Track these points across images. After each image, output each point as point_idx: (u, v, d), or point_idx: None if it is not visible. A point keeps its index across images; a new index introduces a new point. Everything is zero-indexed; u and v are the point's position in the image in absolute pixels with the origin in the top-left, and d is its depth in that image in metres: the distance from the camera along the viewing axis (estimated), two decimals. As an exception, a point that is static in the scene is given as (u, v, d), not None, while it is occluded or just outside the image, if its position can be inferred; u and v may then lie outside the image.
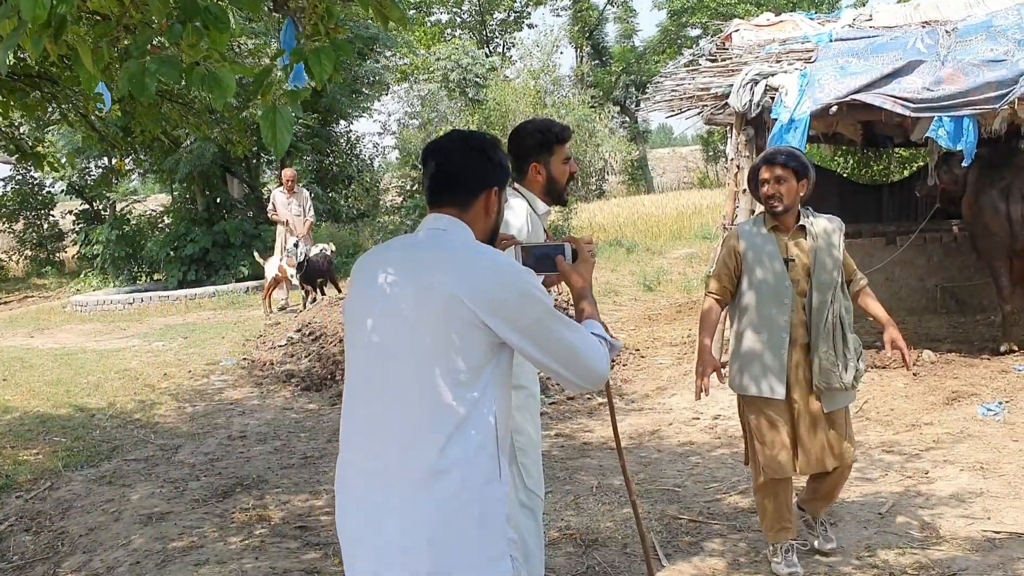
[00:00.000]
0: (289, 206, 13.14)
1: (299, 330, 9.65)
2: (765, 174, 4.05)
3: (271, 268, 12.67)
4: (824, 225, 4.05)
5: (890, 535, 4.46)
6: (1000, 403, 6.41)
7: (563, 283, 2.63)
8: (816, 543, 4.28)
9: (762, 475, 4.09)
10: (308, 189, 24.48)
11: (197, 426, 7.44)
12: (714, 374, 4.11)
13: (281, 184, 13.54)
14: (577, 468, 5.83)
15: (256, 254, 14.81)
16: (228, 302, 14.59)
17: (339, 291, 12.05)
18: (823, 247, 4.00)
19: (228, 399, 8.29)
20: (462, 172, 2.32)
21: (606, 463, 5.93)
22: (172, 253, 18.62)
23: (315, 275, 12.11)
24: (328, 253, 12.22)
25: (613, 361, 2.43)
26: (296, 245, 12.21)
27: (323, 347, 9.06)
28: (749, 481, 5.40)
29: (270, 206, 13.42)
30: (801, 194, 4.04)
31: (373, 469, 2.19)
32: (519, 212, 3.39)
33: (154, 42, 2.20)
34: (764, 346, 4.00)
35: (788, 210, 4.04)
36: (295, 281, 12.21)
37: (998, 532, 4.41)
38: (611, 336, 2.37)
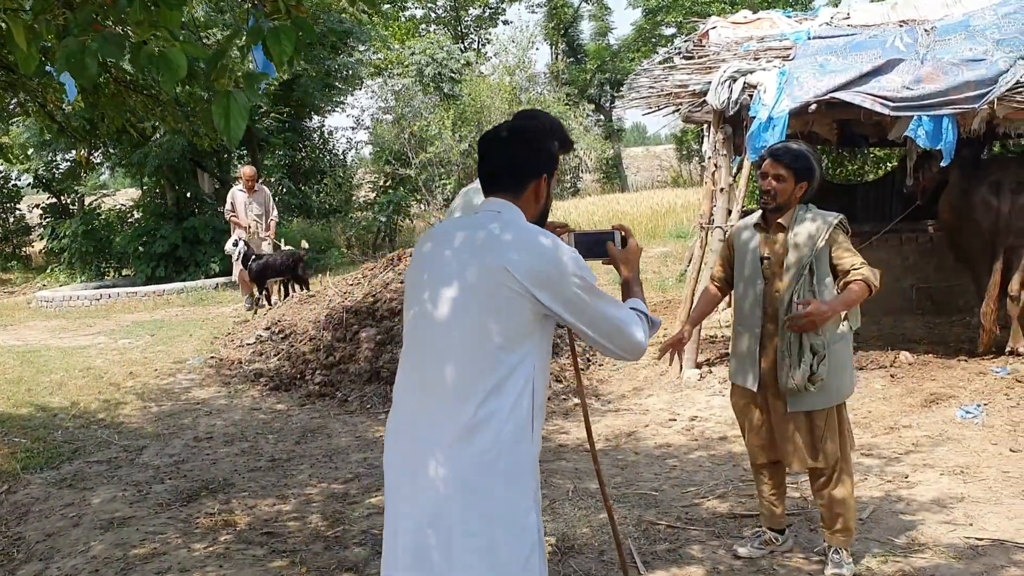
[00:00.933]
0: (250, 206, 12.41)
1: (268, 328, 9.46)
2: (767, 167, 4.02)
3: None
4: (811, 225, 3.96)
5: (872, 541, 4.38)
6: (978, 405, 6.36)
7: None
8: (826, 570, 4.14)
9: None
10: (280, 184, 24.37)
11: (162, 426, 7.25)
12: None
13: (241, 181, 12.66)
14: (552, 471, 5.70)
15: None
16: (197, 299, 14.35)
17: (305, 289, 11.68)
18: (798, 245, 3.93)
19: (195, 399, 8.09)
20: (515, 162, 2.49)
21: (582, 466, 5.81)
22: (141, 249, 18.31)
23: (268, 274, 11.70)
24: (300, 252, 11.90)
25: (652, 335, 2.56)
26: (235, 243, 11.76)
27: (293, 346, 8.87)
28: (727, 484, 5.33)
29: (228, 206, 12.51)
30: (797, 195, 3.99)
31: (417, 424, 2.39)
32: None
33: (98, 19, 2.03)
34: (744, 339, 4.12)
35: (779, 209, 4.00)
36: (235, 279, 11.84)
37: (980, 539, 4.33)
38: (652, 315, 2.56)
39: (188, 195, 19.73)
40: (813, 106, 7.22)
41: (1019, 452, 5.56)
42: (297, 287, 11.86)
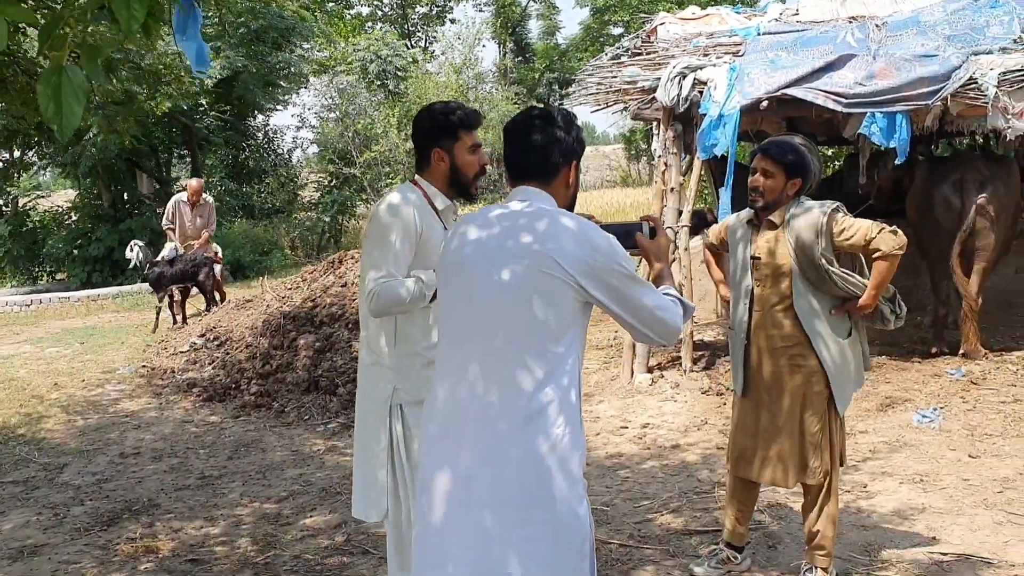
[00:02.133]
0: (192, 222, 11.64)
1: (203, 335, 9.05)
2: (755, 162, 3.77)
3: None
4: (808, 219, 3.71)
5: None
6: (935, 409, 6.22)
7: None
8: None
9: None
10: (221, 184, 23.75)
11: (87, 442, 6.84)
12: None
13: (187, 193, 11.69)
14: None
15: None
16: (133, 304, 13.82)
17: (208, 299, 11.05)
18: (801, 245, 3.68)
19: (123, 411, 7.67)
20: (545, 148, 2.45)
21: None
22: (75, 252, 17.70)
23: (164, 281, 10.93)
24: (202, 257, 11.09)
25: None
26: (131, 249, 11.17)
27: (228, 353, 8.48)
28: (681, 497, 5.10)
29: (167, 218, 11.68)
30: (789, 193, 3.74)
31: (466, 419, 2.31)
32: (400, 210, 2.97)
33: None
34: (735, 343, 3.92)
35: (768, 207, 3.76)
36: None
37: (945, 553, 4.14)
38: (686, 300, 2.55)
39: (125, 196, 19.12)
40: (765, 103, 7.04)
41: (978, 458, 5.41)
42: (215, 294, 11.30)
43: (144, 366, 8.92)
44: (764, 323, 3.79)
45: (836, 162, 14.21)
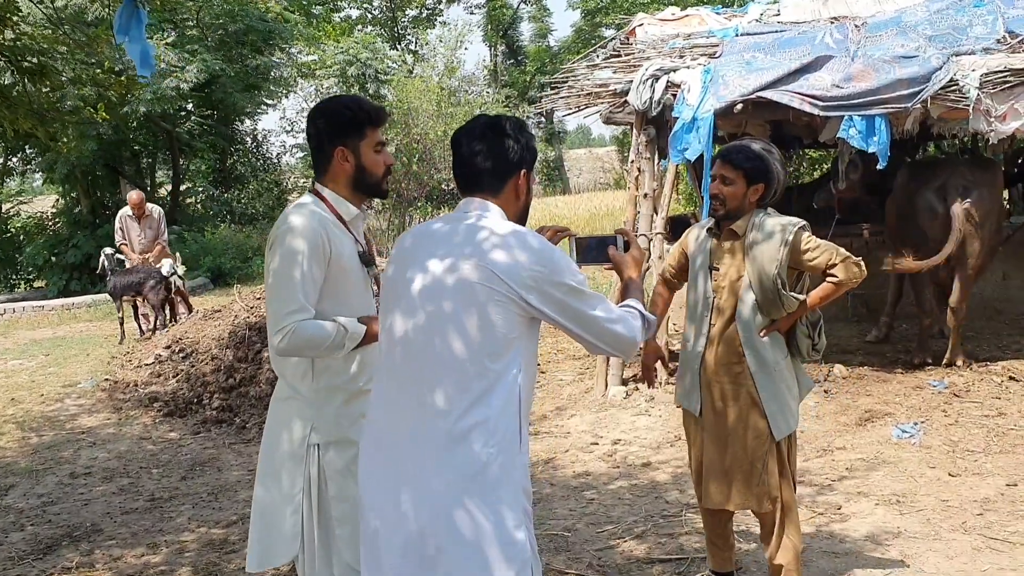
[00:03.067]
0: (142, 235, 11.23)
1: (168, 347, 8.79)
2: (715, 169, 3.56)
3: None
4: (769, 232, 3.48)
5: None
6: (915, 424, 5.98)
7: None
8: None
9: None
10: (204, 190, 23.47)
11: (38, 460, 6.59)
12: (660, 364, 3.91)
13: (129, 207, 11.24)
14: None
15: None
16: (105, 313, 13.52)
17: (156, 313, 10.71)
18: (757, 257, 3.46)
19: (80, 427, 7.42)
20: (491, 157, 2.39)
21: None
22: (53, 259, 17.42)
23: (117, 291, 10.61)
24: (155, 270, 10.65)
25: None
26: (101, 255, 10.90)
27: (194, 366, 8.22)
28: (647, 521, 4.86)
29: (118, 235, 11.31)
30: (752, 200, 3.52)
31: (398, 438, 2.27)
32: (305, 231, 2.68)
33: None
34: (689, 356, 3.68)
35: (730, 216, 3.54)
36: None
37: (918, 584, 3.91)
38: (648, 313, 2.50)
39: (106, 202, 18.85)
40: (739, 106, 6.81)
41: (958, 477, 5.17)
42: (181, 309, 11.01)
43: (107, 379, 8.67)
44: (718, 337, 3.57)
45: (824, 165, 14.00)
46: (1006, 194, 10.71)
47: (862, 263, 3.45)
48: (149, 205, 11.32)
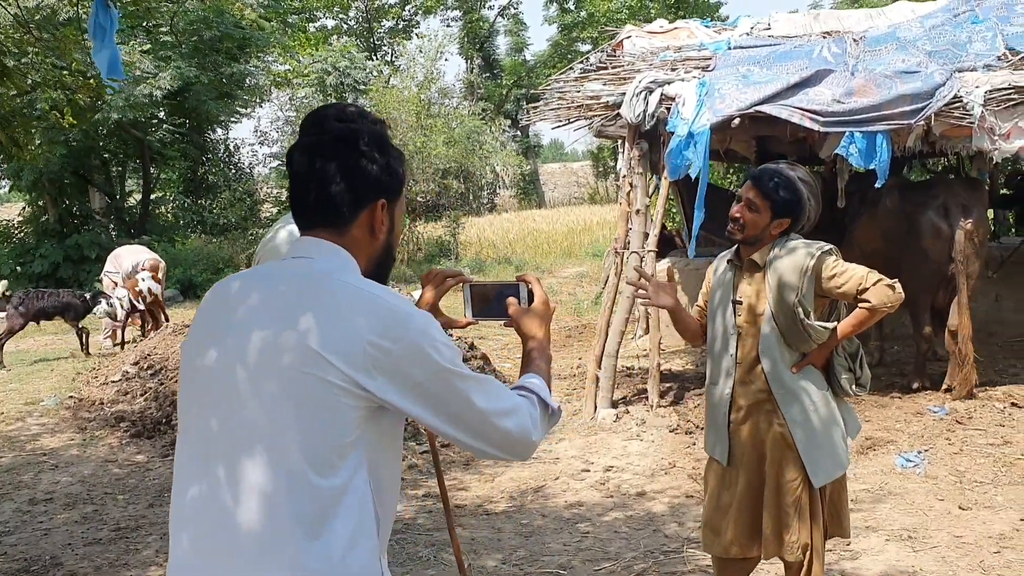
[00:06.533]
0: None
1: (136, 363, 8.41)
2: (743, 189, 3.26)
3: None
4: (792, 260, 3.20)
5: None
6: (919, 452, 5.76)
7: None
8: None
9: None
10: (175, 199, 23.04)
11: (-5, 486, 6.21)
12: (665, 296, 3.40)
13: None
14: (445, 543, 4.87)
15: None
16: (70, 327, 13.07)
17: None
18: (779, 287, 3.17)
19: (42, 448, 7.04)
20: (336, 180, 1.72)
21: (480, 535, 5.00)
22: (19, 269, 16.94)
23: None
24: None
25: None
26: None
27: (163, 383, 7.86)
28: (647, 558, 4.58)
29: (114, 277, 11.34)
30: (773, 232, 3.23)
31: None
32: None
33: None
34: (714, 401, 3.36)
35: (749, 243, 3.26)
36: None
37: (944, 632, 3.66)
38: (551, 399, 1.85)
39: (75, 211, 18.39)
40: (736, 120, 6.58)
41: (969, 510, 4.94)
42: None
43: (71, 396, 8.28)
44: (744, 376, 3.29)
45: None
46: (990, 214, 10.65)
47: (897, 285, 3.16)
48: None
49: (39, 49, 5.05)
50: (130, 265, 11.03)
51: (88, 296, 10.73)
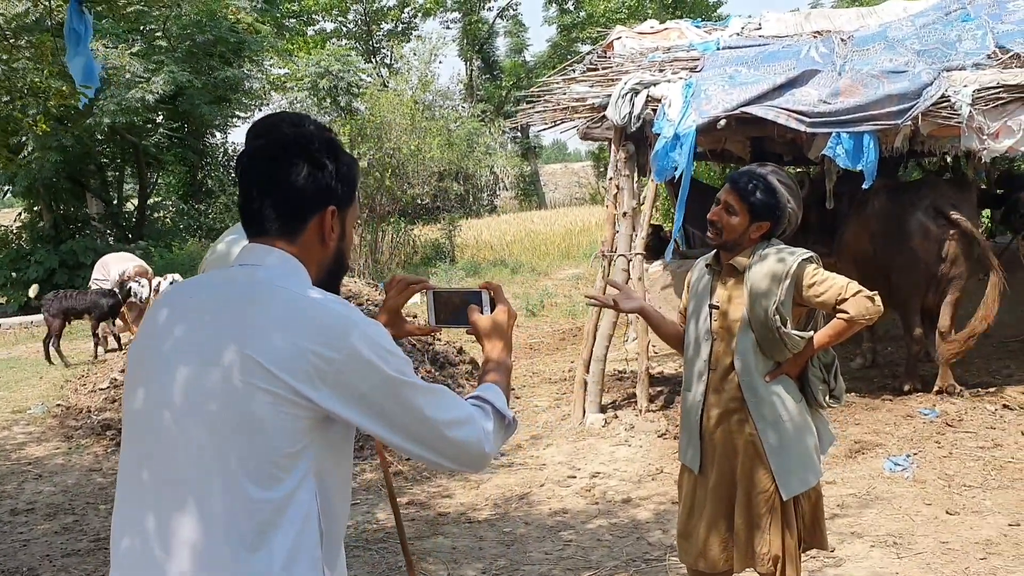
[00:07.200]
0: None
1: (124, 370, 8.35)
2: (721, 192, 3.19)
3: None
4: (771, 268, 3.13)
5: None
6: (908, 456, 5.69)
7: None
8: None
9: None
10: (173, 204, 23.04)
11: (-22, 496, 6.16)
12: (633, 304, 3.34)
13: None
14: (426, 552, 4.82)
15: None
16: (66, 331, 13.03)
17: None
18: (756, 294, 3.11)
19: (27, 457, 6.99)
20: (285, 186, 1.70)
21: (461, 543, 4.94)
22: (14, 275, 16.90)
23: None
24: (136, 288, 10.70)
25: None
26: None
27: (151, 391, 7.80)
28: (628, 566, 4.52)
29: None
30: (753, 236, 3.16)
31: None
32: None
33: None
34: (688, 406, 3.31)
35: (727, 247, 3.19)
36: None
37: (924, 642, 3.59)
38: (508, 409, 1.83)
39: (69, 217, 18.36)
40: (722, 122, 6.52)
41: (956, 515, 4.87)
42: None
43: (59, 404, 8.24)
44: (718, 383, 3.23)
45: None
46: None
47: (877, 297, 3.09)
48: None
49: (15, 57, 5.01)
50: (116, 273, 10.97)
51: (116, 290, 10.63)
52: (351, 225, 1.83)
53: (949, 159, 9.09)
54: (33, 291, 11.27)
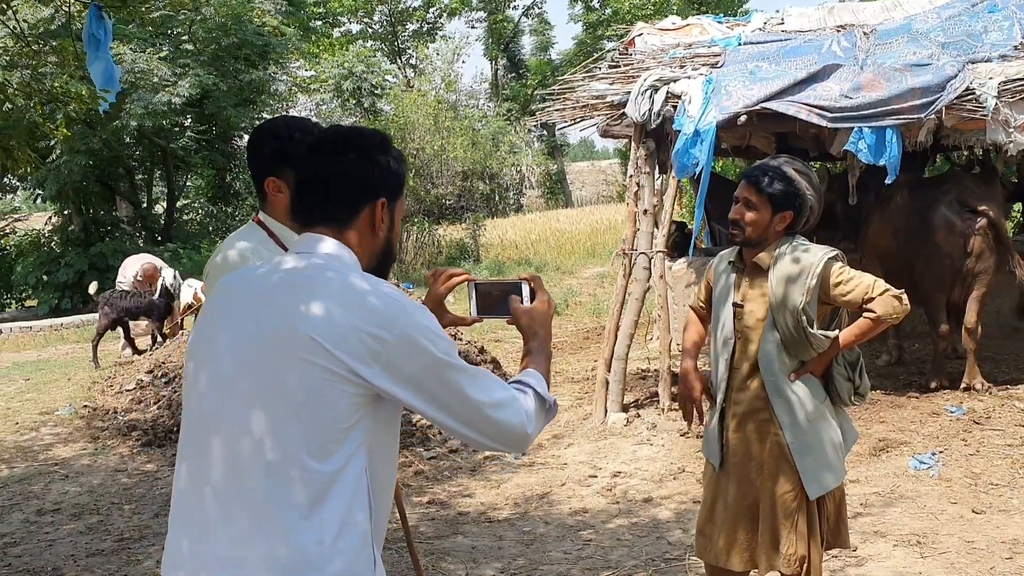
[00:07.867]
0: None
1: (151, 371, 8.46)
2: (738, 190, 3.16)
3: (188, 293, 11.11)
4: (796, 265, 3.10)
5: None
6: (933, 454, 5.62)
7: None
8: None
9: None
10: (201, 207, 23.22)
11: (6, 496, 6.25)
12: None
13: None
14: (445, 551, 4.82)
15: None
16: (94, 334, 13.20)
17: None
18: (781, 293, 3.08)
19: (54, 458, 7.07)
20: (336, 179, 1.85)
21: (481, 543, 4.94)
22: (45, 278, 17.14)
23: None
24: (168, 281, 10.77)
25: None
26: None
27: (176, 391, 7.88)
28: (647, 567, 4.50)
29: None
30: (777, 229, 3.14)
31: (207, 570, 1.71)
32: (229, 269, 2.36)
33: None
34: (713, 403, 3.31)
35: (751, 244, 3.17)
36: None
37: (946, 643, 3.54)
38: (548, 394, 1.94)
39: (102, 219, 18.59)
40: (743, 118, 6.46)
41: (983, 514, 4.80)
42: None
43: (86, 406, 8.33)
44: (742, 382, 3.20)
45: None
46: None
47: (904, 296, 3.06)
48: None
49: (41, 63, 5.07)
50: (131, 274, 11.08)
51: (169, 290, 10.73)
52: (399, 216, 1.95)
53: (979, 153, 8.98)
54: (93, 287, 11.37)
